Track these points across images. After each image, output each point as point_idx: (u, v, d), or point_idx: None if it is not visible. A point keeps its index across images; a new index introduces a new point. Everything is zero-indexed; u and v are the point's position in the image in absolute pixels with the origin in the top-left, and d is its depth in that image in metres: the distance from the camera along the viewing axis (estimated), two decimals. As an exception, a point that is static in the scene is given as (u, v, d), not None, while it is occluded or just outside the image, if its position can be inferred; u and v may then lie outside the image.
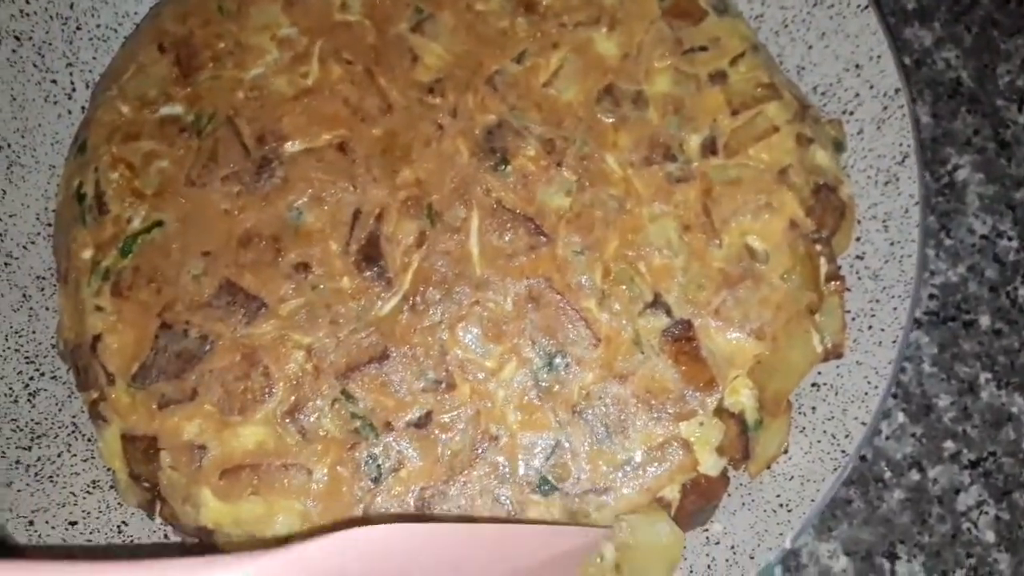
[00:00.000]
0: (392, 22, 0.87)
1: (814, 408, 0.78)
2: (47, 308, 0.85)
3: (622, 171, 0.81)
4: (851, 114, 0.85)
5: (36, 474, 0.78)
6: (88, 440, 0.81)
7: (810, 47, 0.87)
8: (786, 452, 0.77)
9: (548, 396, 0.75)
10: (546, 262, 0.78)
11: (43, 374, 0.83)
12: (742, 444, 0.75)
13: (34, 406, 0.81)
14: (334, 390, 0.75)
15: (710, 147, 0.82)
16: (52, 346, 0.84)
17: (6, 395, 0.80)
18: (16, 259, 0.85)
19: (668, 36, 0.86)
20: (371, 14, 0.87)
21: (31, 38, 0.87)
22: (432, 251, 0.79)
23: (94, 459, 0.80)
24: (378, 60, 0.85)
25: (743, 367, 0.76)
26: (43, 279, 0.86)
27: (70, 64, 0.90)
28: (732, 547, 0.74)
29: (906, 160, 0.81)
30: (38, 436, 0.80)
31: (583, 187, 0.80)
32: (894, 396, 0.86)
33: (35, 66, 0.88)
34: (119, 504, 0.79)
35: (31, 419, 0.80)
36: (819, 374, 0.79)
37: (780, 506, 0.74)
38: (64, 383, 0.83)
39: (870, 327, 0.78)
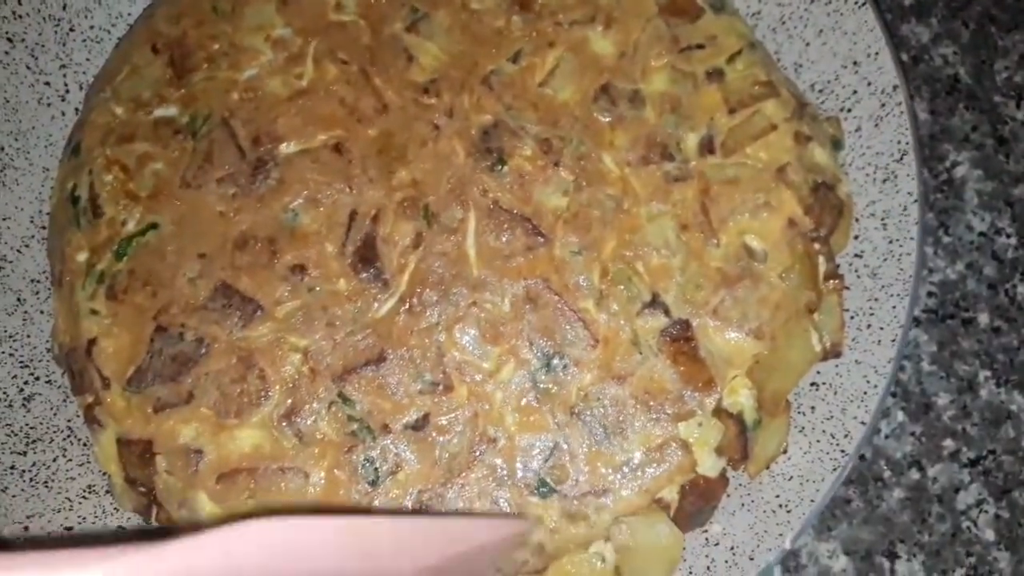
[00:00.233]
0: (387, 22, 0.86)
1: (813, 408, 0.78)
2: (41, 312, 0.84)
3: (619, 170, 0.81)
4: (849, 111, 0.85)
5: (31, 479, 0.78)
6: (84, 444, 0.80)
7: (807, 44, 0.87)
8: (785, 452, 0.77)
9: (546, 398, 0.75)
10: (544, 263, 0.78)
11: (38, 378, 0.82)
12: (741, 444, 0.75)
13: (29, 411, 0.80)
14: (331, 393, 0.75)
15: (708, 146, 0.82)
16: (47, 350, 0.83)
17: (0, 400, 0.80)
18: (10, 263, 0.84)
19: (665, 34, 0.85)
20: (366, 14, 0.87)
21: (24, 40, 0.86)
22: (429, 252, 0.78)
23: (90, 464, 0.80)
24: (373, 60, 0.84)
25: (742, 367, 0.76)
26: (37, 282, 0.85)
27: (64, 66, 0.90)
28: (731, 548, 0.74)
29: (904, 157, 0.80)
30: (33, 441, 0.79)
31: (580, 187, 0.80)
32: (893, 395, 0.85)
33: (28, 68, 0.87)
34: (115, 509, 0.78)
35: (26, 424, 0.80)
36: (818, 373, 0.79)
37: (780, 506, 0.74)
38: (59, 387, 0.82)
39: (869, 326, 0.78)
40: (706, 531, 0.76)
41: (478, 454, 0.74)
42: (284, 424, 0.74)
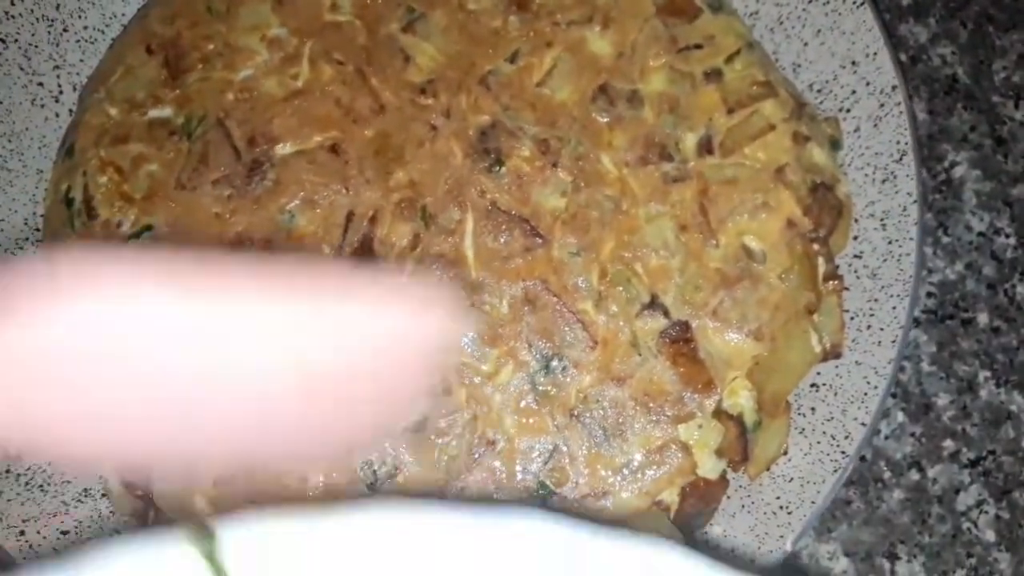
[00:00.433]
0: (383, 22, 0.85)
1: (813, 409, 0.77)
2: (36, 315, 0.84)
3: (617, 171, 0.80)
4: (848, 111, 0.85)
5: (26, 483, 0.77)
6: (79, 448, 0.79)
7: (806, 44, 0.87)
8: (786, 454, 0.77)
9: (545, 400, 0.74)
10: (542, 264, 0.77)
11: (33, 382, 0.81)
12: (741, 446, 0.75)
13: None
14: (328, 396, 0.74)
15: (706, 146, 0.81)
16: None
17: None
18: (4, 265, 0.84)
19: (662, 34, 0.85)
20: (362, 14, 0.86)
21: (16, 40, 0.86)
22: (426, 254, 0.78)
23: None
24: (369, 61, 0.84)
25: (741, 368, 0.75)
26: (32, 285, 0.84)
27: (57, 67, 0.89)
28: (732, 550, 0.73)
29: (903, 158, 0.80)
30: (28, 445, 0.79)
31: (578, 188, 0.79)
32: (893, 395, 0.85)
33: (21, 69, 0.86)
34: (112, 513, 0.78)
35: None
36: (818, 374, 0.78)
37: (780, 508, 0.74)
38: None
39: (869, 327, 0.78)
40: (706, 533, 0.75)
41: (477, 457, 0.73)
42: (281, 427, 0.74)
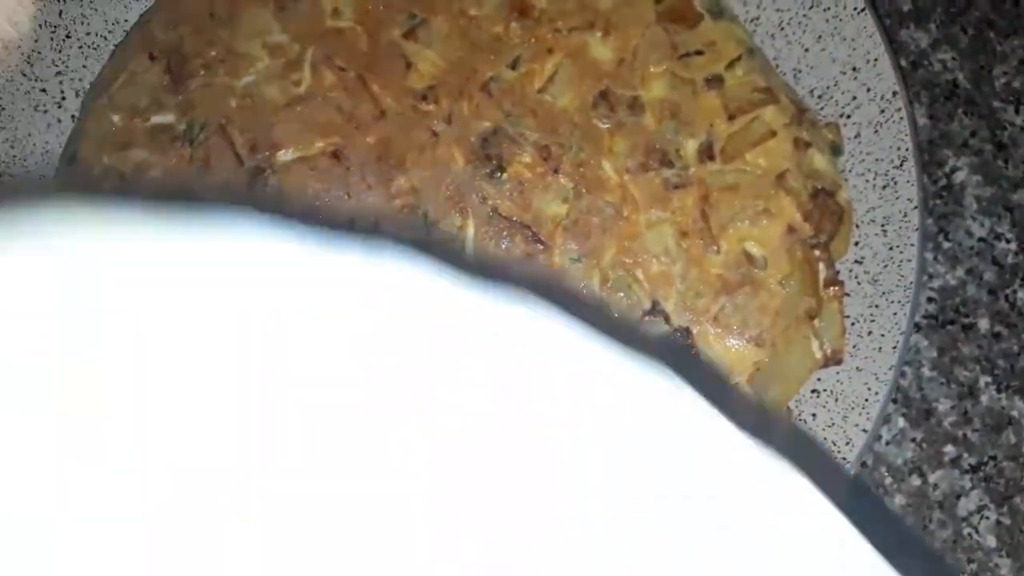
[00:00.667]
0: (384, 28, 0.86)
1: (814, 415, 0.77)
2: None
3: (618, 177, 0.80)
4: (848, 117, 0.85)
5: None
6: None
7: (806, 50, 0.87)
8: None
9: (546, 406, 0.74)
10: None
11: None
12: (742, 452, 0.75)
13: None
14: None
15: (707, 152, 0.81)
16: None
17: None
18: (7, 271, 0.84)
19: (664, 40, 0.85)
20: (363, 20, 0.86)
21: (19, 46, 0.86)
22: (428, 260, 0.78)
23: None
24: (371, 67, 0.84)
25: (742, 374, 0.76)
26: (34, 291, 0.85)
27: (59, 72, 0.89)
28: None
29: (904, 164, 0.80)
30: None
31: (579, 194, 0.79)
32: (894, 401, 0.85)
33: (24, 75, 0.87)
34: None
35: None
36: (819, 380, 0.78)
37: (781, 515, 0.74)
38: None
39: (870, 332, 0.78)
40: (708, 540, 0.75)
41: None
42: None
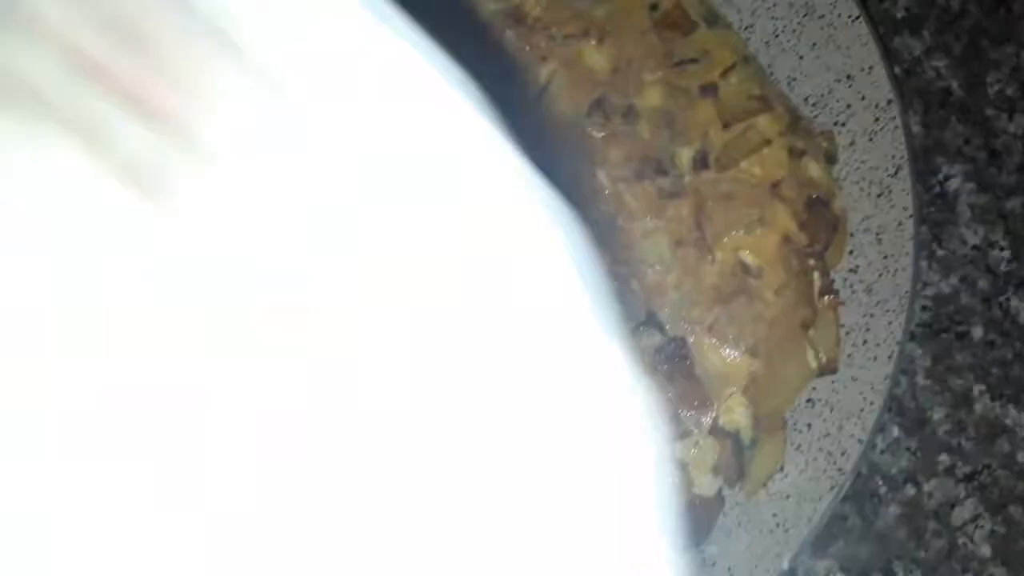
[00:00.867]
0: (378, 35, 0.85)
1: (809, 425, 0.77)
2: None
3: (613, 186, 0.80)
4: (843, 125, 0.85)
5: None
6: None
7: (801, 58, 0.87)
8: (782, 470, 0.76)
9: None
10: (537, 279, 0.77)
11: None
12: (737, 463, 0.75)
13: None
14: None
15: (702, 161, 0.81)
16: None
17: None
18: None
19: (658, 48, 0.84)
20: (356, 27, 0.86)
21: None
22: (422, 269, 0.77)
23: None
24: (364, 74, 0.83)
25: (737, 385, 0.75)
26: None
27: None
28: (729, 569, 0.73)
29: (899, 172, 0.80)
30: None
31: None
32: (889, 410, 0.85)
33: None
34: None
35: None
36: (814, 390, 0.78)
37: (777, 526, 0.73)
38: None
39: (865, 342, 0.77)
40: (703, 552, 0.75)
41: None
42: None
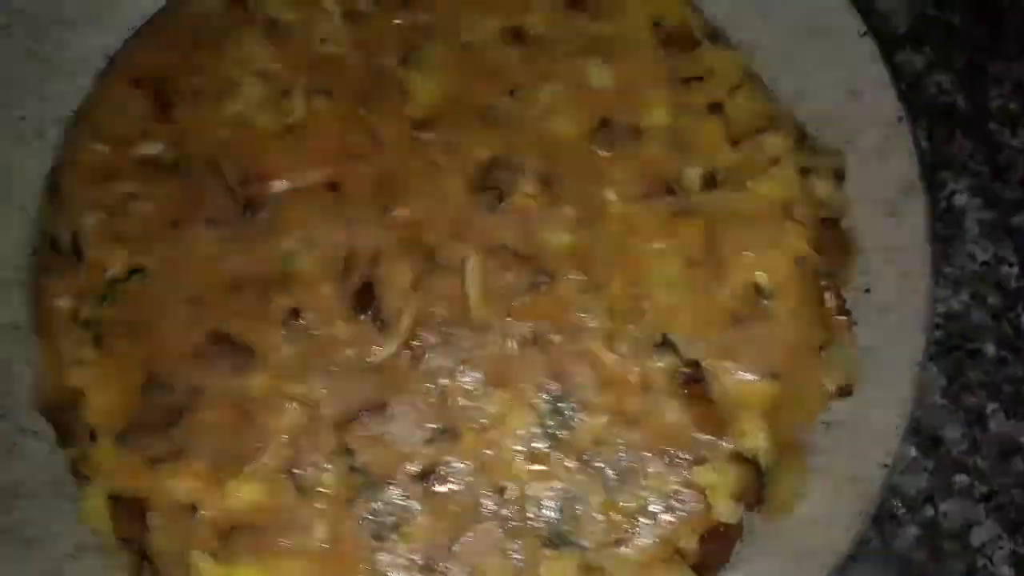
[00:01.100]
0: (379, 56, 0.83)
1: (829, 448, 0.76)
2: (24, 360, 0.80)
3: (622, 207, 0.79)
4: (851, 143, 0.84)
5: (15, 538, 0.74)
6: (72, 500, 0.76)
7: (808, 75, 0.86)
8: (803, 495, 0.75)
9: (556, 443, 0.72)
10: (548, 302, 0.75)
11: (23, 430, 0.78)
12: (757, 488, 0.73)
13: (12, 465, 0.76)
14: (331, 443, 0.72)
15: (710, 180, 0.80)
16: (30, 402, 0.79)
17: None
18: (-12, 309, 0.80)
19: (663, 66, 0.84)
20: (357, 47, 0.84)
21: None
22: (429, 294, 0.76)
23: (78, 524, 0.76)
24: (366, 95, 0.82)
25: (754, 408, 0.74)
26: (19, 329, 0.81)
27: (42, 100, 0.86)
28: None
29: (911, 190, 0.79)
30: (17, 497, 0.75)
31: (583, 224, 0.78)
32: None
33: (4, 103, 0.84)
34: (106, 570, 0.74)
35: (10, 479, 0.76)
36: (832, 413, 0.77)
37: (801, 552, 0.72)
38: (45, 440, 0.78)
39: (881, 362, 0.76)
40: (725, 581, 0.74)
41: (487, 505, 0.71)
42: (284, 477, 0.71)
